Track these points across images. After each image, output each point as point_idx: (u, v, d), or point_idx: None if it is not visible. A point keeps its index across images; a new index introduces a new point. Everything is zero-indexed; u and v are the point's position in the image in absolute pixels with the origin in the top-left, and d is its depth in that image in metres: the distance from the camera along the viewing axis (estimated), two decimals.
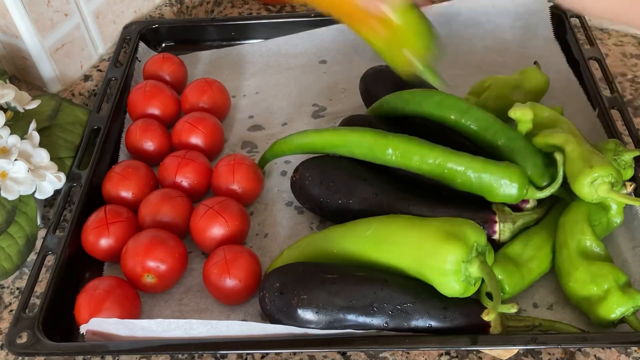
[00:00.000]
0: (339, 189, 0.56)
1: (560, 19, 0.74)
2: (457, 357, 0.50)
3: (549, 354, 0.50)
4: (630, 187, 0.55)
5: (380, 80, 0.65)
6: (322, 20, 0.77)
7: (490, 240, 0.52)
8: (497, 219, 0.53)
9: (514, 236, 0.54)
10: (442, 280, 0.47)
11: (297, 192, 0.59)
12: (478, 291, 0.49)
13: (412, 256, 0.49)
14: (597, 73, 0.68)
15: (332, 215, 0.58)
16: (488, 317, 0.45)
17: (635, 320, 0.48)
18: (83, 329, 0.48)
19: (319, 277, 0.49)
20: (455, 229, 0.48)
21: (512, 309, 0.45)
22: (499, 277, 0.50)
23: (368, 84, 0.66)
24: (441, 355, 0.51)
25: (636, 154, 0.55)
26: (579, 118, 0.65)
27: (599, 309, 0.48)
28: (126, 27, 0.77)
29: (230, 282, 0.51)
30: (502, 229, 0.53)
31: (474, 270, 0.47)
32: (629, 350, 0.50)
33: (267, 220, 0.61)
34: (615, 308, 0.47)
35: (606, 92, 0.65)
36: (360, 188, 0.56)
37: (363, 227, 0.52)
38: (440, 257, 0.47)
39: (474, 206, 0.54)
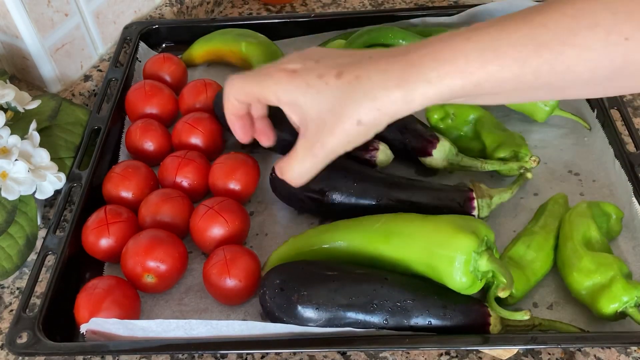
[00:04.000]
0: (321, 180, 0.56)
1: None
2: (457, 357, 0.50)
3: (549, 354, 0.50)
4: (535, 163, 0.58)
5: None
6: (322, 20, 0.77)
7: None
8: (474, 195, 0.54)
9: (491, 211, 0.56)
10: (450, 269, 0.47)
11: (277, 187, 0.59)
12: (483, 292, 0.49)
13: (422, 247, 0.49)
14: None
15: (316, 208, 0.58)
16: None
17: (637, 313, 0.48)
18: (83, 328, 0.49)
19: (319, 274, 0.49)
20: (466, 223, 0.49)
21: (525, 316, 0.46)
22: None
23: None
24: (441, 355, 0.51)
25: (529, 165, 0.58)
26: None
27: (602, 298, 0.48)
28: (126, 28, 0.77)
29: (230, 282, 0.51)
30: (480, 204, 0.54)
31: (483, 263, 0.47)
32: (628, 350, 0.50)
33: (267, 220, 0.61)
34: (620, 296, 0.48)
35: None
36: (342, 179, 0.56)
37: (371, 221, 0.53)
38: (451, 245, 0.47)
39: (451, 185, 0.57)
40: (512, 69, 0.37)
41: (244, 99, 0.47)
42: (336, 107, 0.41)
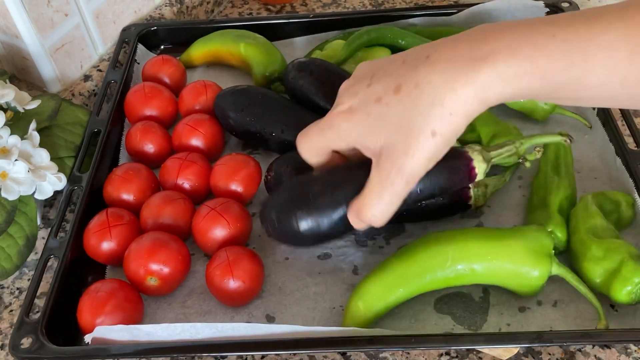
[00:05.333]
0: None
1: None
2: (457, 357, 0.51)
3: (549, 354, 0.50)
4: (539, 153, 0.55)
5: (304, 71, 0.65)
6: (322, 20, 0.77)
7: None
8: (470, 186, 0.55)
9: (487, 200, 0.57)
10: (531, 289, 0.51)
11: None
12: None
13: (499, 275, 0.51)
14: None
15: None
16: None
17: None
18: (87, 338, 0.48)
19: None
20: (538, 244, 0.50)
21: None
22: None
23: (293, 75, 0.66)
24: (441, 355, 0.51)
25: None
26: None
27: (614, 283, 0.48)
28: (125, 30, 0.77)
29: (233, 284, 0.51)
30: (476, 194, 0.56)
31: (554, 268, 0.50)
32: (628, 350, 0.50)
33: None
34: (631, 278, 0.47)
35: None
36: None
37: (439, 260, 0.51)
38: (531, 273, 0.50)
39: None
40: (599, 74, 0.33)
41: (321, 153, 0.44)
42: (403, 124, 0.36)
